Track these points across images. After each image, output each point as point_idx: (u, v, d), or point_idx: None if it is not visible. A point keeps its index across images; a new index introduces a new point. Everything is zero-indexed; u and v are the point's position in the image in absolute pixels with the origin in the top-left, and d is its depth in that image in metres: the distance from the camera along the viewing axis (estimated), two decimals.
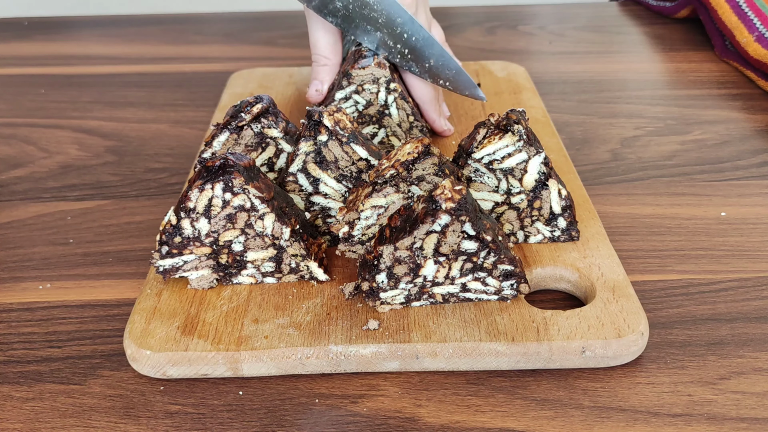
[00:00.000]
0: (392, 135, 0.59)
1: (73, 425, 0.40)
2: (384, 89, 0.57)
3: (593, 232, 0.51)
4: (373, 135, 0.59)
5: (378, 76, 0.56)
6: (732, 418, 0.40)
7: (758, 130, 0.69)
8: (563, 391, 0.41)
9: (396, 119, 0.58)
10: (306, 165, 0.49)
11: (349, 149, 0.48)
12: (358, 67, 0.56)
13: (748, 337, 0.45)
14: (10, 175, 0.64)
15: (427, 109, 0.61)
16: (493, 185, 0.49)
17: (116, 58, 0.88)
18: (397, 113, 0.58)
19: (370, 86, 0.56)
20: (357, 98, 0.57)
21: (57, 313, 0.48)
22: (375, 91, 0.57)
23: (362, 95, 0.57)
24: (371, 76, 0.56)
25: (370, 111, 0.58)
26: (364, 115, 0.58)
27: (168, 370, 0.42)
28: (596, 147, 0.66)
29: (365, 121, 0.58)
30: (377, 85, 0.56)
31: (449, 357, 0.42)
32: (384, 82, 0.56)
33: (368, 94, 0.57)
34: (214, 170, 0.44)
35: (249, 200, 0.44)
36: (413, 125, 0.59)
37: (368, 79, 0.56)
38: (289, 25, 0.98)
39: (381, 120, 0.58)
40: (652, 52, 0.88)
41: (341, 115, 0.49)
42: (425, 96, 0.60)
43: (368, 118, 0.58)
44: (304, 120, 0.49)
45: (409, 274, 0.43)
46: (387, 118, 0.58)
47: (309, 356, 0.42)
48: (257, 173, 0.45)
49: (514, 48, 0.90)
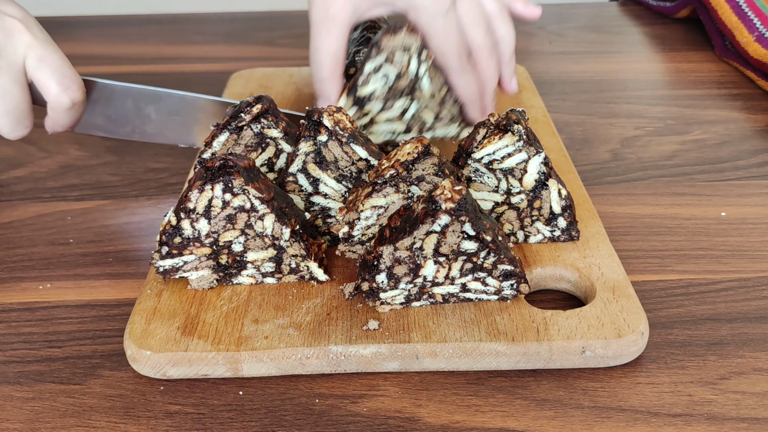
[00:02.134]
0: (425, 108, 0.56)
1: (73, 425, 0.40)
2: (415, 58, 0.53)
3: (593, 232, 0.50)
4: (404, 110, 0.55)
5: (409, 44, 0.53)
6: (732, 418, 0.40)
7: (758, 130, 0.69)
8: (563, 391, 0.41)
9: (428, 91, 0.55)
10: (306, 165, 0.49)
11: (349, 149, 0.48)
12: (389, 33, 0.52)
13: (748, 337, 0.45)
14: (10, 175, 0.64)
15: (470, 110, 0.57)
16: (493, 185, 0.49)
17: (116, 58, 0.88)
18: (429, 84, 0.54)
19: (401, 55, 0.53)
20: (387, 70, 0.53)
21: (57, 313, 0.48)
22: (406, 61, 0.53)
23: (393, 65, 0.53)
24: (402, 44, 0.52)
25: (400, 84, 0.54)
26: (394, 89, 0.54)
27: (168, 371, 0.42)
28: (596, 147, 0.66)
29: (396, 95, 0.54)
30: (408, 53, 0.53)
31: (449, 357, 0.42)
32: (415, 50, 0.53)
33: (399, 65, 0.53)
34: (214, 171, 0.44)
35: (249, 201, 0.44)
36: (447, 97, 0.55)
37: (399, 47, 0.53)
38: (289, 25, 0.98)
39: (413, 93, 0.54)
40: (652, 52, 0.88)
41: (341, 115, 0.49)
42: (469, 95, 0.56)
43: (399, 92, 0.54)
44: (304, 120, 0.49)
45: (409, 274, 0.43)
46: (418, 91, 0.54)
47: (309, 356, 0.42)
48: (257, 174, 0.45)
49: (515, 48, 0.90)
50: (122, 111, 0.58)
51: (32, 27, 0.51)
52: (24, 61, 0.50)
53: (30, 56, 0.50)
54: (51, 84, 0.51)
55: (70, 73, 0.52)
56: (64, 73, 0.51)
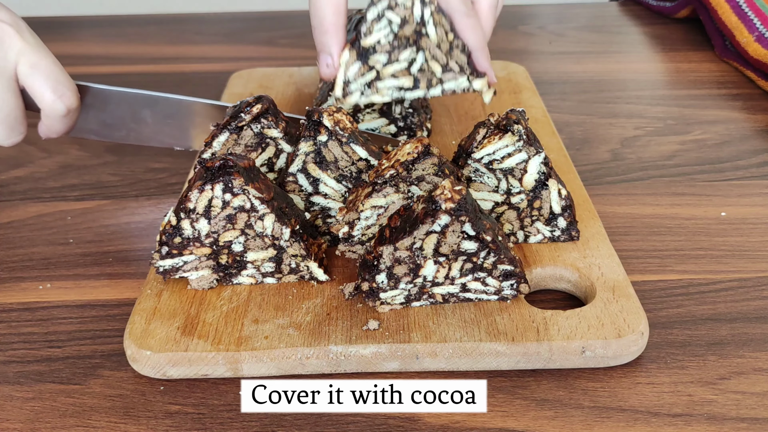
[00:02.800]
0: (432, 59, 0.53)
1: (73, 425, 0.40)
2: (419, 2, 0.51)
3: (593, 232, 0.50)
4: (411, 61, 0.53)
5: None
6: (732, 418, 0.40)
7: (758, 130, 0.69)
8: (563, 391, 0.41)
9: (435, 39, 0.52)
10: (306, 165, 0.49)
11: (349, 149, 0.48)
12: None
13: (748, 337, 0.45)
14: (10, 175, 0.64)
15: (478, 56, 0.54)
16: (493, 185, 0.49)
17: (116, 58, 0.88)
18: (435, 31, 0.52)
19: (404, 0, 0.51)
20: (391, 16, 0.51)
21: (57, 313, 0.48)
22: (410, 4, 0.51)
23: (396, 11, 0.51)
24: None
25: (405, 31, 0.51)
26: (399, 38, 0.51)
27: (168, 371, 0.42)
28: (596, 147, 0.66)
29: (401, 45, 0.52)
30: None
31: (449, 357, 0.42)
32: None
33: (402, 10, 0.51)
34: (214, 171, 0.44)
35: (249, 201, 0.44)
36: (454, 45, 0.53)
37: None
38: (289, 25, 0.98)
39: (419, 41, 0.52)
40: (652, 52, 0.88)
41: (341, 115, 0.49)
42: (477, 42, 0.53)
43: (404, 41, 0.52)
44: (304, 120, 0.49)
45: (409, 274, 0.43)
46: (425, 38, 0.52)
47: (309, 356, 0.42)
48: (257, 174, 0.45)
49: (514, 48, 0.90)
50: (117, 115, 0.57)
51: (23, 32, 0.50)
52: (15, 68, 0.49)
53: (22, 62, 0.49)
54: (45, 91, 0.50)
55: (63, 79, 0.51)
56: (58, 80, 0.50)
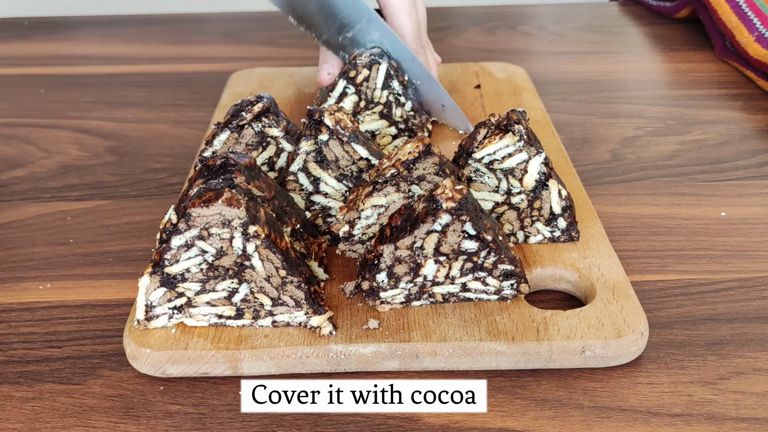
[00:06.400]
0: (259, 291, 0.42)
1: (73, 425, 0.40)
2: (241, 235, 0.40)
3: (593, 233, 0.51)
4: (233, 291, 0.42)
5: (230, 218, 0.40)
6: (732, 418, 0.40)
7: (758, 130, 0.69)
8: (563, 391, 0.41)
9: (262, 272, 0.41)
10: (307, 164, 0.49)
11: (350, 148, 0.48)
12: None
13: (748, 337, 0.45)
14: (10, 175, 0.64)
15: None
16: (494, 185, 0.49)
17: (116, 58, 0.88)
18: (263, 265, 0.41)
19: (219, 230, 0.40)
20: (203, 245, 0.41)
21: (57, 313, 0.48)
22: (228, 237, 0.40)
23: (209, 241, 0.40)
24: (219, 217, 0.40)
25: (223, 262, 0.41)
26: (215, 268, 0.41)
27: (168, 369, 0.42)
28: (596, 147, 0.66)
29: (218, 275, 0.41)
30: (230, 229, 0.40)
31: (449, 356, 0.42)
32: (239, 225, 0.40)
33: (218, 241, 0.40)
34: (215, 169, 0.44)
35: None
36: (287, 281, 0.41)
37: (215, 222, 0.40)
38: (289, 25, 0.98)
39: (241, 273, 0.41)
40: (652, 52, 0.88)
41: (342, 115, 0.49)
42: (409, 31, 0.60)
43: (222, 271, 0.41)
44: (305, 119, 0.49)
45: (410, 273, 0.43)
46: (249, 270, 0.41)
47: (309, 355, 0.42)
48: (258, 172, 0.45)
49: (514, 48, 0.90)
50: None
51: None
52: None
53: None
54: None
55: None
56: None
